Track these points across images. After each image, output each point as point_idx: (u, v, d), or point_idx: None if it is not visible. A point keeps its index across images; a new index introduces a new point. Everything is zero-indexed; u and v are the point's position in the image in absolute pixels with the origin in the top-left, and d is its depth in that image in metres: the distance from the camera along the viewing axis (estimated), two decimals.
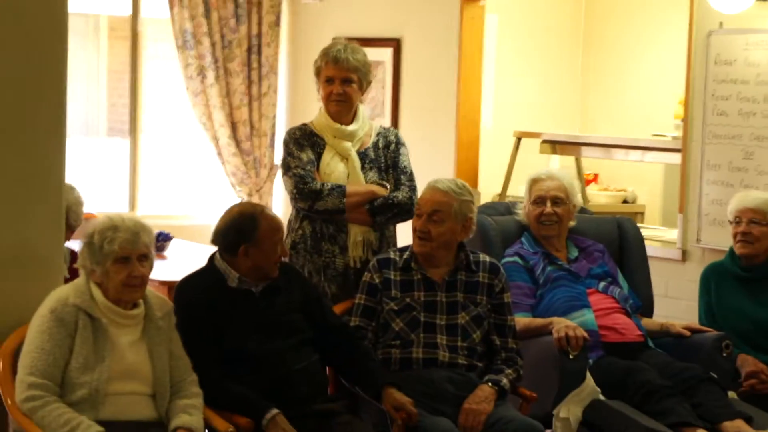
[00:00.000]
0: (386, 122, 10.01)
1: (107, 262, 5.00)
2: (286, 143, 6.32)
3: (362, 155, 6.36)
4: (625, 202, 10.54)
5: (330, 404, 5.52)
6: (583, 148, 9.60)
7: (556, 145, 9.54)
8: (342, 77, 6.31)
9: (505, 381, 5.77)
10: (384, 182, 6.35)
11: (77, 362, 4.96)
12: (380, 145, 6.44)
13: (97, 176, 11.25)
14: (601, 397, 6.03)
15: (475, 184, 9.41)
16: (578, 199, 6.74)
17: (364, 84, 6.37)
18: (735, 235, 6.60)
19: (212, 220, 9.09)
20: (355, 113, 6.41)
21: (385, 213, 6.28)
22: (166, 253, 8.84)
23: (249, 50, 10.62)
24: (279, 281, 5.53)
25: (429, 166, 9.46)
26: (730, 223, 6.64)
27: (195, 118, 10.72)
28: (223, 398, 5.28)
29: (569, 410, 6.02)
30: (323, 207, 6.17)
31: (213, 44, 10.53)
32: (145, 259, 5.08)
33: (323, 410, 5.44)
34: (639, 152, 9.11)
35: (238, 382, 5.33)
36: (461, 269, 5.92)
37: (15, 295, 5.21)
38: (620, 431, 5.94)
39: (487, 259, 6.03)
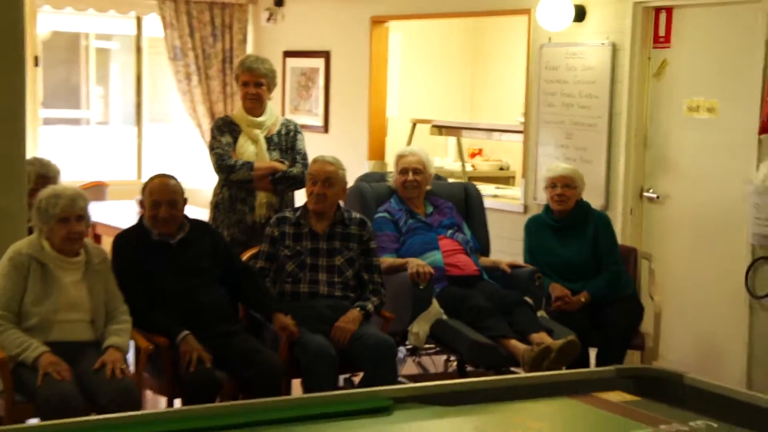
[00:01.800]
0: (320, 113, 9.86)
1: (52, 222, 4.88)
2: (212, 129, 6.31)
3: (268, 140, 6.32)
4: (501, 169, 10.35)
5: (231, 326, 5.33)
6: (463, 131, 9.39)
7: (442, 129, 9.35)
8: (254, 81, 6.27)
9: (369, 306, 5.74)
10: (284, 160, 6.29)
11: (29, 298, 4.92)
12: (283, 132, 6.38)
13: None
14: (444, 317, 5.95)
15: (382, 158, 9.23)
16: (433, 170, 6.60)
17: (271, 86, 6.32)
18: (552, 197, 6.51)
19: (195, 185, 9.04)
20: (264, 108, 6.21)
21: (283, 183, 6.25)
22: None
23: (223, 60, 10.50)
24: (191, 234, 5.36)
25: (350, 144, 9.36)
26: (546, 188, 6.45)
27: (184, 110, 10.47)
28: (147, 324, 5.23)
29: (419, 327, 5.99)
30: (236, 177, 6.12)
31: (196, 56, 10.43)
32: (82, 219, 4.96)
33: (226, 331, 5.36)
34: (498, 133, 8.89)
35: (159, 312, 5.22)
36: (338, 223, 5.81)
37: None
38: (455, 342, 5.93)
39: (357, 215, 5.96)
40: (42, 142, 10.35)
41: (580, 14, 7.45)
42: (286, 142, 6.32)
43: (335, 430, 3.34)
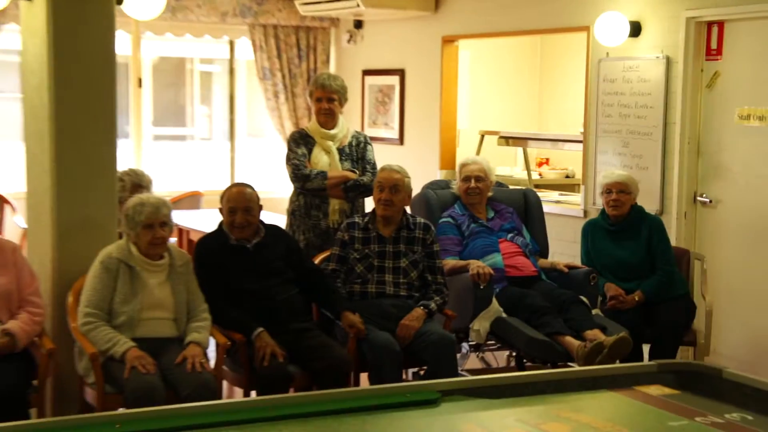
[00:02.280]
0: (396, 126, 9.81)
1: (138, 228, 4.90)
2: (288, 142, 6.27)
3: (340, 151, 6.27)
4: (567, 177, 10.20)
5: (304, 324, 5.31)
6: (529, 141, 9.27)
7: (509, 140, 9.24)
8: (327, 97, 6.21)
9: (432, 305, 5.67)
10: (354, 170, 6.24)
11: (118, 298, 4.95)
12: (353, 144, 6.33)
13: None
14: (503, 315, 5.86)
15: (453, 167, 9.11)
16: (494, 177, 6.53)
17: (342, 101, 6.27)
18: (608, 202, 6.37)
19: (283, 194, 9.05)
20: (337, 121, 6.17)
21: (354, 191, 6.20)
22: None
23: (308, 79, 10.44)
24: (266, 238, 5.35)
25: (423, 155, 9.32)
26: (602, 193, 6.32)
27: (272, 126, 10.46)
28: (225, 321, 5.21)
29: (480, 324, 5.91)
30: (311, 186, 6.08)
31: (283, 76, 10.43)
32: (165, 225, 4.97)
33: (299, 328, 5.32)
34: (562, 143, 8.77)
35: (236, 310, 5.23)
36: (403, 228, 5.77)
37: (81, 251, 5.06)
38: (513, 339, 5.84)
39: (422, 220, 5.91)
40: (149, 156, 10.46)
41: (636, 30, 7.32)
42: (357, 152, 6.27)
43: (387, 421, 3.30)
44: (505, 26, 8.62)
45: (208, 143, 16.44)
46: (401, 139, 9.81)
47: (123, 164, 5.76)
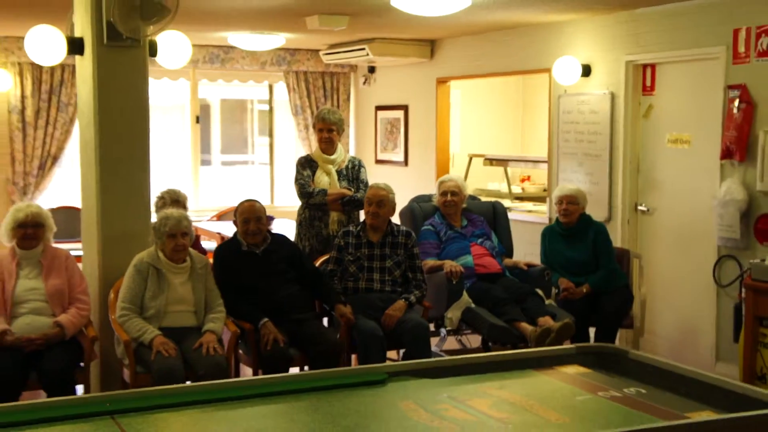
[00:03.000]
0: (401, 151, 9.66)
1: (163, 237, 4.76)
2: (296, 165, 6.11)
3: (339, 172, 6.12)
4: (544, 190, 9.91)
5: (303, 315, 5.17)
6: (509, 162, 9.06)
7: (492, 161, 9.05)
8: (327, 128, 6.03)
9: (412, 298, 5.52)
10: (350, 188, 6.10)
11: (148, 294, 4.86)
12: (350, 167, 6.19)
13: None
14: (472, 306, 5.68)
15: None
16: (467, 191, 6.33)
17: (340, 131, 6.11)
18: (560, 211, 6.19)
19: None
20: (335, 148, 6.03)
21: (350, 205, 6.07)
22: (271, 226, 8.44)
23: None
24: (272, 245, 5.23)
25: (423, 174, 9.18)
26: (556, 204, 6.15)
27: (303, 152, 10.30)
28: (237, 313, 5.10)
29: (453, 313, 5.77)
30: (314, 201, 5.96)
31: (312, 111, 10.19)
32: (186, 236, 4.86)
33: (298, 319, 5.19)
34: (535, 163, 8.54)
35: (246, 304, 5.06)
36: (389, 235, 5.61)
37: (122, 257, 4.97)
38: (478, 325, 5.68)
39: (404, 228, 5.76)
40: (205, 179, 10.37)
41: (587, 71, 7.14)
42: (352, 174, 6.14)
43: (339, 398, 3.15)
44: (484, 70, 8.49)
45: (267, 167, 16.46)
46: (406, 162, 9.67)
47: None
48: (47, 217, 4.86)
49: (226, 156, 23.02)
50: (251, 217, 5.20)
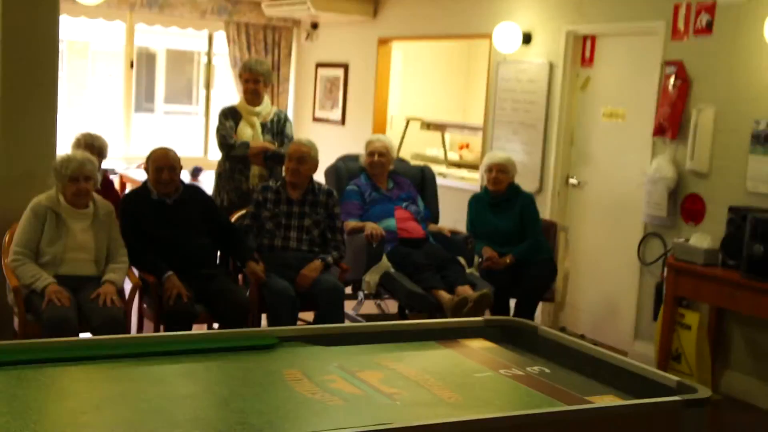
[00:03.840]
0: (338, 110, 9.33)
1: (65, 180, 4.39)
2: (219, 115, 5.72)
3: (263, 125, 5.79)
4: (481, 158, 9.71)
5: (212, 270, 4.85)
6: (447, 127, 8.80)
7: (429, 125, 8.77)
8: (254, 79, 5.68)
9: (330, 258, 5.21)
10: (274, 142, 5.74)
11: (45, 240, 4.50)
12: (275, 120, 5.86)
13: None
14: (391, 270, 5.39)
15: None
16: (395, 153, 6.05)
17: (267, 83, 5.78)
18: (489, 179, 5.93)
19: None
20: (261, 100, 5.69)
21: (272, 160, 5.75)
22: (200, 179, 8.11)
23: (273, 69, 9.88)
24: (184, 195, 4.88)
25: (359, 135, 8.82)
26: (485, 172, 5.90)
27: None
28: (141, 264, 4.74)
29: (371, 277, 5.49)
30: (234, 154, 5.63)
31: None
32: (89, 180, 4.48)
33: (206, 274, 4.86)
34: (476, 129, 8.23)
35: (152, 256, 4.72)
36: (309, 192, 5.29)
37: (21, 199, 4.61)
38: (395, 291, 5.42)
39: (326, 187, 5.44)
40: (138, 128, 9.93)
41: (527, 39, 6.86)
42: (277, 127, 5.80)
43: (218, 364, 2.86)
44: (426, 32, 8.18)
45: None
46: (343, 121, 9.34)
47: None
48: None
49: (170, 106, 22.50)
50: (164, 165, 4.85)
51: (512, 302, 5.72)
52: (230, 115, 5.71)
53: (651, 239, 5.83)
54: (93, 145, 5.44)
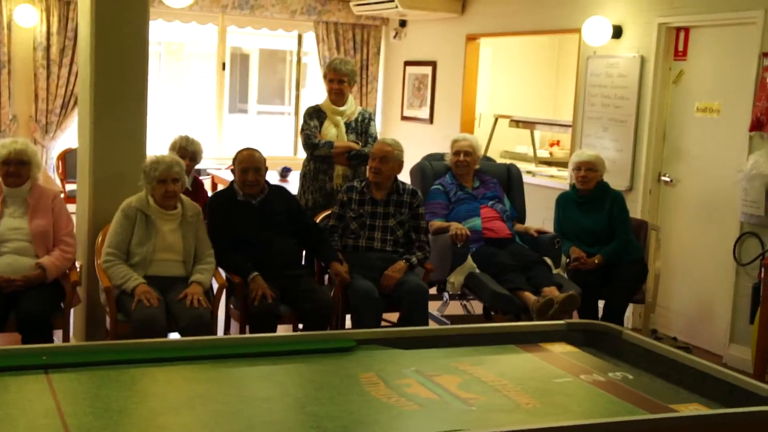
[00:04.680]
0: (426, 108, 9.30)
1: (153, 182, 4.49)
2: (303, 115, 5.76)
3: (347, 125, 5.78)
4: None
5: (296, 271, 4.90)
6: (537, 125, 8.68)
7: (519, 123, 8.66)
8: (338, 79, 5.70)
9: (414, 259, 5.20)
10: (358, 141, 5.74)
11: (135, 241, 4.61)
12: (359, 120, 5.84)
13: None
14: (476, 271, 5.35)
15: None
16: (481, 152, 6.00)
17: (351, 83, 5.78)
18: (577, 178, 5.81)
19: None
20: (346, 99, 5.71)
21: (356, 159, 5.71)
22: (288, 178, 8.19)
23: (361, 68, 9.94)
24: (270, 196, 4.94)
25: (447, 132, 8.77)
26: (573, 170, 5.78)
27: None
28: (227, 265, 4.82)
29: (455, 278, 5.43)
30: (319, 153, 5.64)
31: None
32: (177, 181, 4.57)
33: (291, 274, 4.89)
34: (567, 126, 8.05)
35: (238, 256, 4.80)
36: (393, 192, 5.29)
37: (113, 200, 4.74)
38: (480, 291, 5.36)
39: (410, 187, 5.43)
40: (232, 128, 10.08)
41: (618, 33, 6.71)
42: (362, 127, 5.79)
43: (304, 364, 2.89)
44: (515, 27, 8.08)
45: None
46: (431, 119, 9.31)
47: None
48: (33, 154, 4.61)
49: (263, 106, 22.83)
50: (250, 166, 4.91)
51: (601, 304, 5.61)
52: (315, 115, 5.75)
53: (748, 239, 5.63)
54: (186, 149, 5.55)
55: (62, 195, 5.63)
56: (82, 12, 4.93)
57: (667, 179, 6.41)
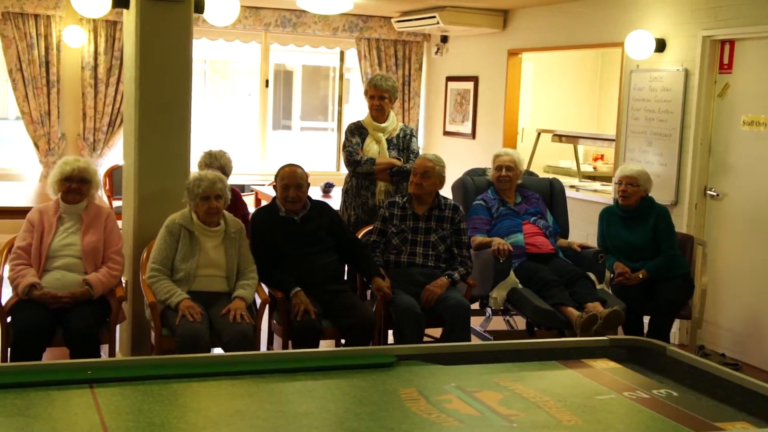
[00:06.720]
0: (469, 123, 9.29)
1: (197, 199, 4.54)
2: (345, 132, 5.77)
3: (389, 141, 5.81)
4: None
5: (338, 286, 4.90)
6: (580, 139, 8.63)
7: (561, 137, 8.61)
8: (379, 95, 5.71)
9: (456, 275, 5.19)
10: (400, 158, 5.78)
11: (179, 257, 4.65)
12: (401, 136, 5.85)
13: None
14: (519, 286, 5.31)
15: None
16: (523, 166, 5.97)
17: (392, 99, 5.79)
18: (618, 192, 5.76)
19: None
20: (387, 116, 5.72)
21: (398, 175, 5.73)
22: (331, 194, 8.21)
23: (403, 84, 9.98)
24: (312, 212, 4.95)
25: (490, 147, 8.78)
26: (616, 184, 5.74)
27: None
28: (269, 280, 4.82)
29: (498, 293, 5.42)
30: (361, 170, 5.65)
31: None
32: (220, 198, 4.61)
33: (333, 290, 4.90)
34: (610, 141, 8.00)
35: (280, 272, 4.80)
36: (435, 208, 5.29)
37: (158, 216, 4.79)
38: (523, 307, 5.31)
39: (452, 202, 5.42)
40: (276, 145, 10.15)
41: (661, 46, 6.65)
42: (403, 143, 5.81)
43: (335, 382, 2.88)
44: (557, 42, 8.04)
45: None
46: (474, 134, 9.30)
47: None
48: (94, 173, 4.70)
49: (306, 122, 22.97)
50: (291, 183, 4.94)
51: (646, 320, 5.55)
52: (356, 132, 5.77)
53: None
54: (211, 165, 5.57)
55: None
56: (127, 32, 5.01)
57: (713, 193, 6.32)
